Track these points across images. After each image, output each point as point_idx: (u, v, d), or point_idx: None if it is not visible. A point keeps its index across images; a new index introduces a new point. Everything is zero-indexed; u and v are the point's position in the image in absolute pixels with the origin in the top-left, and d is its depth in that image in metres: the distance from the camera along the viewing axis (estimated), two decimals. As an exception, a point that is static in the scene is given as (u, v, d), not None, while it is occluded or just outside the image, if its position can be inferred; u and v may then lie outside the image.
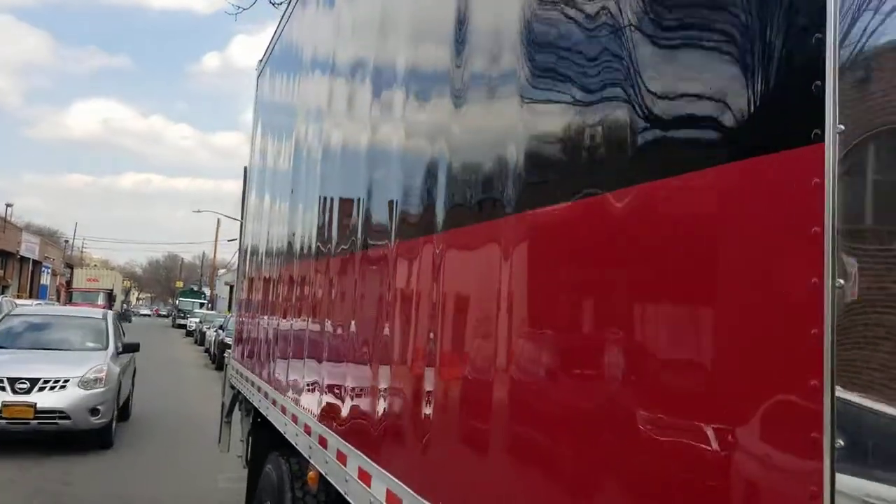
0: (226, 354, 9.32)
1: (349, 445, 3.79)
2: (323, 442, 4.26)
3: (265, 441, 6.64)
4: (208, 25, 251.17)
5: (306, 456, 4.66)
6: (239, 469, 9.47)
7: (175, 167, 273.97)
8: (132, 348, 14.97)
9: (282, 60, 7.61)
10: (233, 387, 8.54)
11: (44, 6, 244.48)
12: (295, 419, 5.10)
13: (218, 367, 29.34)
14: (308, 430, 4.68)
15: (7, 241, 51.82)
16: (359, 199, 4.22)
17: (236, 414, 8.77)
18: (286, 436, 5.31)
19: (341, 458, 3.85)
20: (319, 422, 4.46)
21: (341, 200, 4.75)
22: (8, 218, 55.53)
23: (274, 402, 5.87)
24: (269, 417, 6.06)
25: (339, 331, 4.36)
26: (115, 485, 10.39)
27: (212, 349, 34.11)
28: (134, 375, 16.49)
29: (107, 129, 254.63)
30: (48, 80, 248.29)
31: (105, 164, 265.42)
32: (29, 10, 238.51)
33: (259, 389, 6.59)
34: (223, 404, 9.16)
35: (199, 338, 46.59)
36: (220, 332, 31.15)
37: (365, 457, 3.53)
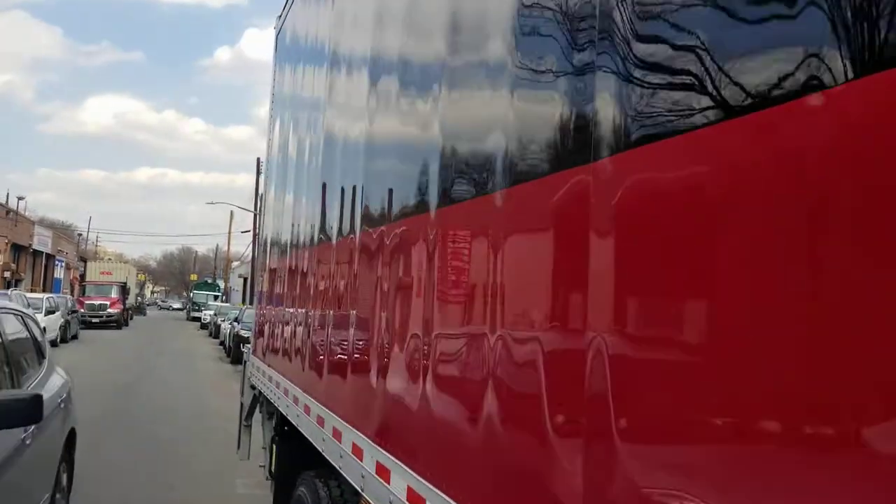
0: (244, 349, 8.28)
1: (427, 484, 2.73)
2: (383, 472, 3.20)
3: (294, 454, 5.63)
4: (220, 19, 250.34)
5: (356, 486, 3.61)
6: (259, 473, 8.49)
7: (188, 161, 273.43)
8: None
9: (307, 12, 6.55)
10: (253, 387, 7.51)
11: (57, 2, 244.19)
12: (338, 435, 4.04)
13: (234, 360, 28.61)
14: (358, 453, 3.62)
15: (19, 234, 51.12)
16: (428, 158, 3.14)
17: (257, 416, 7.79)
18: (326, 455, 4.27)
19: (416, 500, 2.79)
20: (377, 443, 3.39)
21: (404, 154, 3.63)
22: (21, 211, 54.84)
23: (307, 410, 4.83)
24: (300, 428, 5.02)
25: (402, 326, 3.29)
26: (124, 487, 9.41)
27: (227, 342, 33.48)
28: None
29: (120, 124, 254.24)
30: (61, 75, 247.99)
31: (119, 159, 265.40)
32: (42, 5, 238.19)
33: (286, 392, 5.54)
34: (242, 405, 8.11)
35: (213, 330, 46.14)
36: (236, 324, 30.34)
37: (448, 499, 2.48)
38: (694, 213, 1.62)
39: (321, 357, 4.68)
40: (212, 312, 51.38)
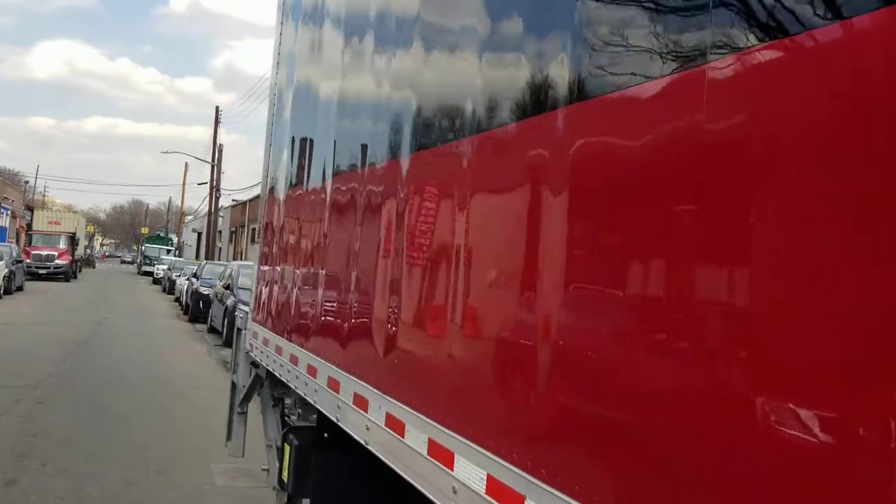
0: (238, 315, 6.47)
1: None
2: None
3: (334, 464, 4.03)
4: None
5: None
6: (241, 458, 6.83)
7: (142, 112, 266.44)
8: None
9: None
10: (255, 364, 5.80)
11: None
12: (442, 456, 2.43)
13: (192, 319, 26.77)
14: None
15: (-40, 178, 48.28)
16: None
17: (255, 404, 6.11)
18: (408, 479, 2.67)
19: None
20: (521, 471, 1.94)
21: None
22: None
23: (361, 403, 3.21)
24: (370, 447, 3.35)
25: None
26: (71, 477, 7.71)
27: (183, 299, 31.82)
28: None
29: (72, 71, 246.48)
30: (11, 18, 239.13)
31: (70, 107, 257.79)
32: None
33: (333, 385, 3.82)
34: (233, 386, 6.37)
35: (167, 286, 44.47)
36: (194, 280, 28.44)
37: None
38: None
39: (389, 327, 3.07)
40: (165, 267, 49.92)
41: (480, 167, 2.64)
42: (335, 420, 3.61)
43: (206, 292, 25.83)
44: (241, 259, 53.79)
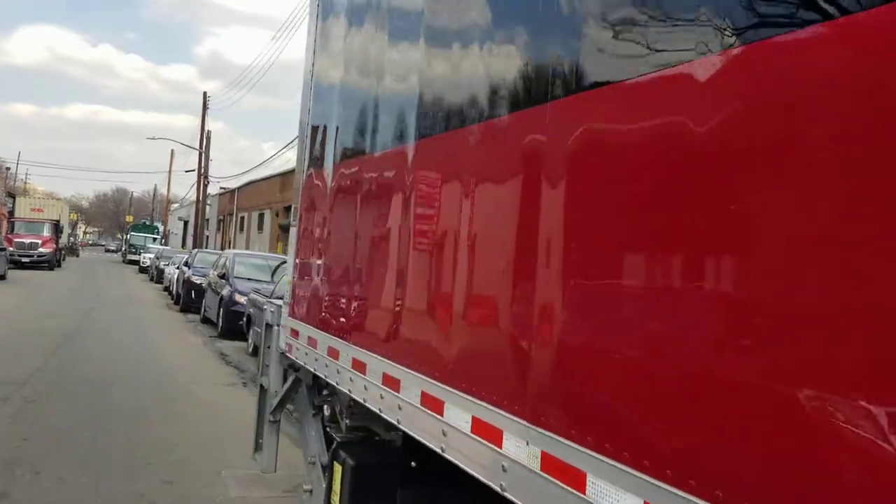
0: (267, 309, 5.52)
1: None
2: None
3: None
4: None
5: None
6: (253, 464, 5.99)
7: (125, 100, 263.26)
8: None
9: None
10: (295, 368, 4.94)
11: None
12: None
13: (183, 309, 25.82)
14: None
15: (-59, 164, 47.01)
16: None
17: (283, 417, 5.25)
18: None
19: None
20: None
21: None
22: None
23: (488, 434, 2.41)
24: (467, 467, 2.56)
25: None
26: (78, 491, 6.87)
27: (173, 288, 30.90)
28: None
29: (54, 58, 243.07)
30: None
31: (52, 94, 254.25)
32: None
33: (426, 402, 3.00)
34: (262, 390, 5.49)
35: (155, 275, 43.49)
36: (186, 269, 27.50)
37: None
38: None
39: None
40: (152, 256, 49.28)
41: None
42: (439, 451, 2.78)
43: (198, 282, 24.97)
44: (230, 247, 52.91)
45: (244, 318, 17.72)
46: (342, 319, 3.96)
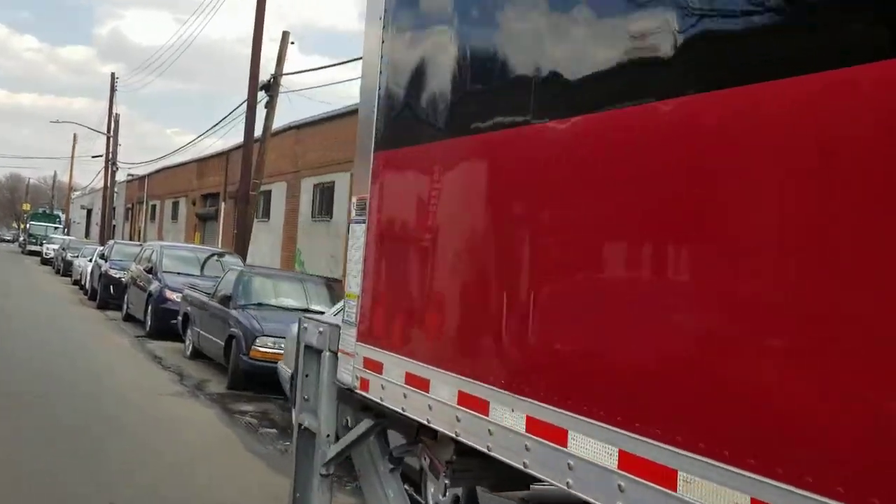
0: (316, 330, 4.26)
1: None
2: None
3: None
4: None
5: None
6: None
7: (19, 81, 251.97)
8: None
9: None
10: (372, 409, 3.76)
11: None
12: None
13: (101, 305, 23.94)
14: None
15: None
16: None
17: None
18: None
19: None
20: None
21: None
22: None
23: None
24: None
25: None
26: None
27: (86, 281, 28.88)
28: None
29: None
30: None
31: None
32: None
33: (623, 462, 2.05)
34: (301, 430, 4.27)
35: (61, 267, 40.87)
36: (102, 262, 25.59)
37: None
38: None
39: None
40: (56, 247, 46.39)
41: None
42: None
43: (117, 276, 23.24)
44: (139, 238, 50.48)
45: (179, 317, 16.32)
46: (490, 357, 2.93)
